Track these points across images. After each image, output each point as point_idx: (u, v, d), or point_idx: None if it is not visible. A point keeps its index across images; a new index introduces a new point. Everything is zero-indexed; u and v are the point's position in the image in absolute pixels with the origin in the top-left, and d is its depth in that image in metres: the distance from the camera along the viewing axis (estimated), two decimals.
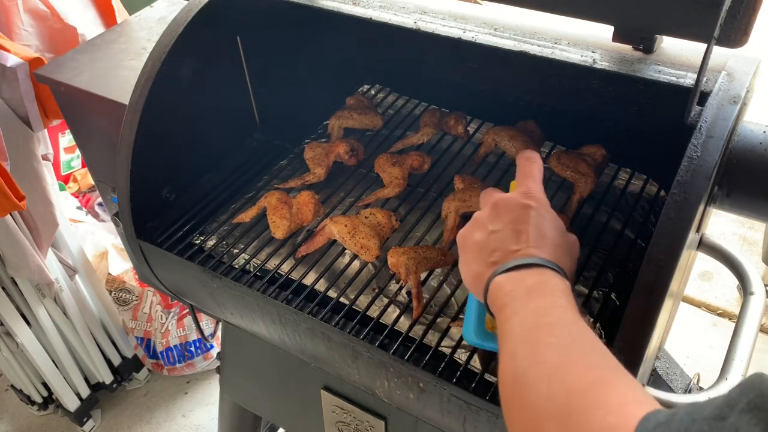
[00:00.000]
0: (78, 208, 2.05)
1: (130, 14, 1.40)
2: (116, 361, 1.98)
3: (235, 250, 0.93)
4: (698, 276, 2.34)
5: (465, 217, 0.91)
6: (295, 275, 0.88)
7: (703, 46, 0.63)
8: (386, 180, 0.99)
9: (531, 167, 0.67)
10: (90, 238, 1.92)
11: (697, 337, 2.15)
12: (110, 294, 1.91)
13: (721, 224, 2.51)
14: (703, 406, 0.34)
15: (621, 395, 0.41)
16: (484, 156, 1.01)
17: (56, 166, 2.06)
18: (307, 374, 1.05)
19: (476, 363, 0.75)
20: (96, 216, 2.08)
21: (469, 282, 0.63)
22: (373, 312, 0.83)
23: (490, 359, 0.73)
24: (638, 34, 0.73)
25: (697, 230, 0.68)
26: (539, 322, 0.51)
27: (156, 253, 0.92)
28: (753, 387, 0.32)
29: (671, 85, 0.69)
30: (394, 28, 0.84)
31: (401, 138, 1.09)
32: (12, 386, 1.96)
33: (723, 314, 2.23)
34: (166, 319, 1.92)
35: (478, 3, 0.90)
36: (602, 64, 0.73)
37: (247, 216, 0.96)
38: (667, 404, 0.59)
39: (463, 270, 0.64)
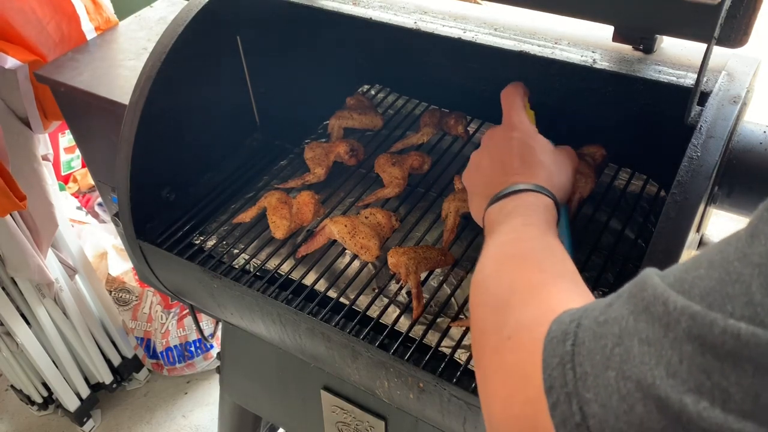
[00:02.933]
0: (78, 208, 2.05)
1: (130, 14, 1.40)
2: (116, 361, 1.98)
3: (235, 250, 0.93)
4: None
5: (465, 217, 0.91)
6: (295, 275, 0.88)
7: (703, 46, 0.63)
8: (386, 180, 0.99)
9: (512, 100, 0.71)
10: (90, 239, 1.92)
11: None
12: (110, 294, 1.91)
13: (721, 224, 2.51)
14: (604, 299, 0.38)
15: (555, 295, 0.45)
16: None
17: (56, 166, 2.06)
18: (307, 374, 1.05)
19: None
20: (96, 216, 2.08)
21: (475, 218, 0.69)
22: (373, 312, 0.83)
23: None
24: (638, 34, 0.73)
25: (697, 230, 0.68)
26: (507, 238, 0.56)
27: (156, 253, 0.92)
28: (637, 280, 0.36)
29: (671, 85, 0.69)
30: (394, 28, 0.84)
31: (401, 138, 1.09)
32: (12, 386, 1.96)
33: None
34: (166, 319, 1.92)
35: (478, 3, 0.90)
36: (602, 64, 0.73)
37: (247, 216, 0.96)
38: None
39: (470, 209, 0.70)
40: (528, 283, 0.48)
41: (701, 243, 0.77)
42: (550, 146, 0.69)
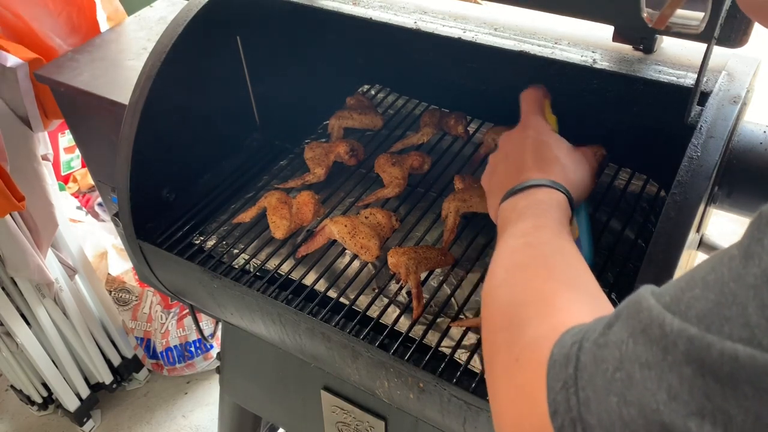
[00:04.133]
0: (78, 208, 2.05)
1: (130, 14, 1.40)
2: (116, 361, 1.98)
3: (235, 250, 0.93)
4: None
5: (465, 217, 0.91)
6: (295, 275, 0.88)
7: (703, 46, 0.63)
8: (386, 180, 0.99)
9: (530, 102, 0.73)
10: (90, 238, 1.92)
11: None
12: (110, 294, 1.91)
13: (721, 224, 2.50)
14: (604, 318, 0.38)
15: (564, 308, 0.45)
16: (484, 156, 1.01)
17: (56, 166, 2.06)
18: (307, 374, 1.05)
19: (476, 363, 0.75)
20: (96, 216, 2.08)
21: (493, 218, 0.67)
22: (373, 312, 0.83)
23: None
24: (638, 34, 0.73)
25: (697, 230, 0.68)
26: (517, 243, 0.55)
27: (156, 253, 0.92)
28: (632, 300, 0.36)
29: (671, 85, 0.69)
30: (394, 28, 0.84)
31: (401, 138, 1.09)
32: (12, 386, 1.96)
33: None
34: (166, 319, 1.92)
35: (478, 3, 0.90)
36: (602, 64, 0.73)
37: (247, 216, 0.96)
38: None
39: (488, 210, 0.69)
40: (537, 296, 0.47)
41: (701, 243, 0.77)
42: (566, 144, 0.69)
